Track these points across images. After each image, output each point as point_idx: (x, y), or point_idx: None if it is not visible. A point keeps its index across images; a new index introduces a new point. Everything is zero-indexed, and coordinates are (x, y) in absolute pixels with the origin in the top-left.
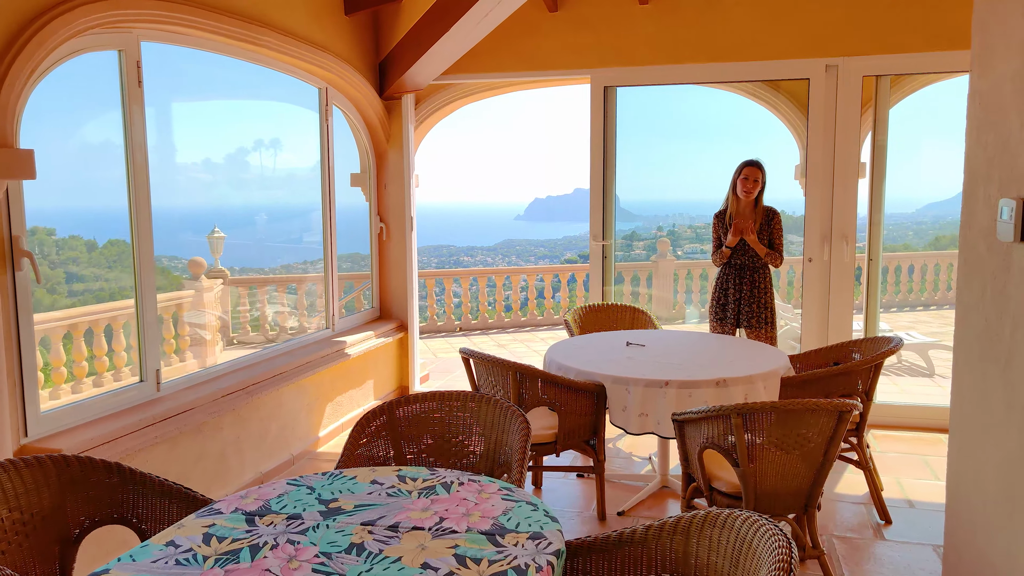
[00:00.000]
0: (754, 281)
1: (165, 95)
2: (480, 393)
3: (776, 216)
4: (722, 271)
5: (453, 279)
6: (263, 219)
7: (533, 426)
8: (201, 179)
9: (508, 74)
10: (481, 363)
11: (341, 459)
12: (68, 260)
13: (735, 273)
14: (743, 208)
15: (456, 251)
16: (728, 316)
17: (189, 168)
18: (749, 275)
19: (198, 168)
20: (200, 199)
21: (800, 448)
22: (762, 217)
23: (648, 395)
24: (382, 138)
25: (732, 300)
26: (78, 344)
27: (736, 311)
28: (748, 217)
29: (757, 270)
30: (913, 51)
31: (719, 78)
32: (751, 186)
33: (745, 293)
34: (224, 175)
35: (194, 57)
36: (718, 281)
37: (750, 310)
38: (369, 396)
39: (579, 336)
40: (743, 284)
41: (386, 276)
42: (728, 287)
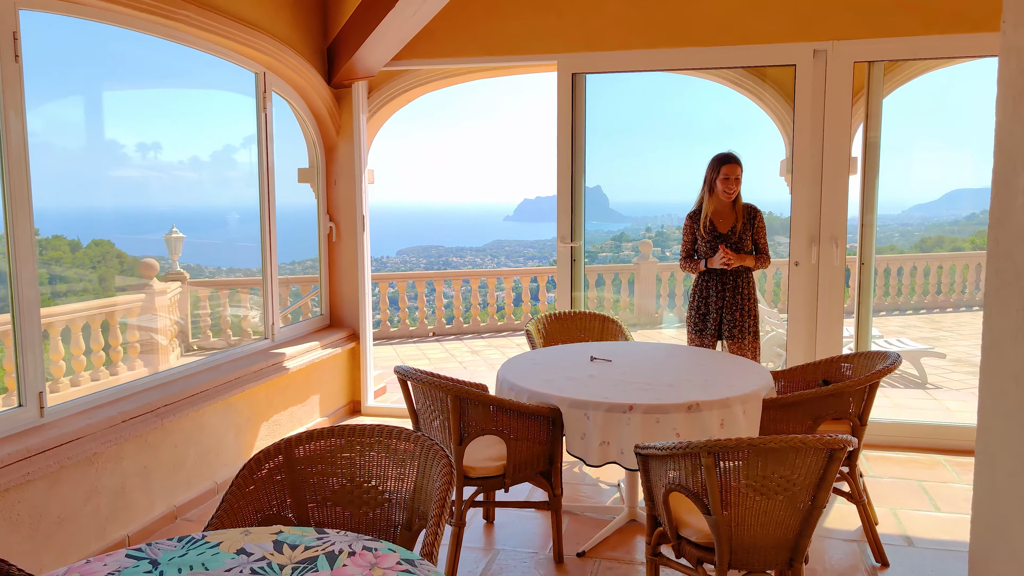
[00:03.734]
0: (737, 287)
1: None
2: (396, 427)
3: (759, 214)
4: (701, 277)
5: (426, 282)
6: (235, 218)
7: (478, 457)
8: (158, 177)
9: (467, 59)
10: (418, 385)
11: (216, 514)
12: None
13: (716, 279)
14: (721, 208)
15: (445, 252)
16: (709, 327)
17: (151, 165)
18: (732, 281)
19: (158, 165)
20: (157, 198)
21: (784, 492)
22: (743, 216)
23: (610, 421)
24: (331, 130)
25: (714, 309)
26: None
27: (718, 321)
28: (728, 216)
29: (741, 275)
30: (909, 35)
31: (698, 64)
32: (733, 186)
33: (728, 301)
34: (183, 172)
35: (141, 41)
36: (697, 288)
37: (733, 320)
38: (314, 413)
39: (540, 349)
40: (725, 291)
41: (336, 280)
42: (709, 295)
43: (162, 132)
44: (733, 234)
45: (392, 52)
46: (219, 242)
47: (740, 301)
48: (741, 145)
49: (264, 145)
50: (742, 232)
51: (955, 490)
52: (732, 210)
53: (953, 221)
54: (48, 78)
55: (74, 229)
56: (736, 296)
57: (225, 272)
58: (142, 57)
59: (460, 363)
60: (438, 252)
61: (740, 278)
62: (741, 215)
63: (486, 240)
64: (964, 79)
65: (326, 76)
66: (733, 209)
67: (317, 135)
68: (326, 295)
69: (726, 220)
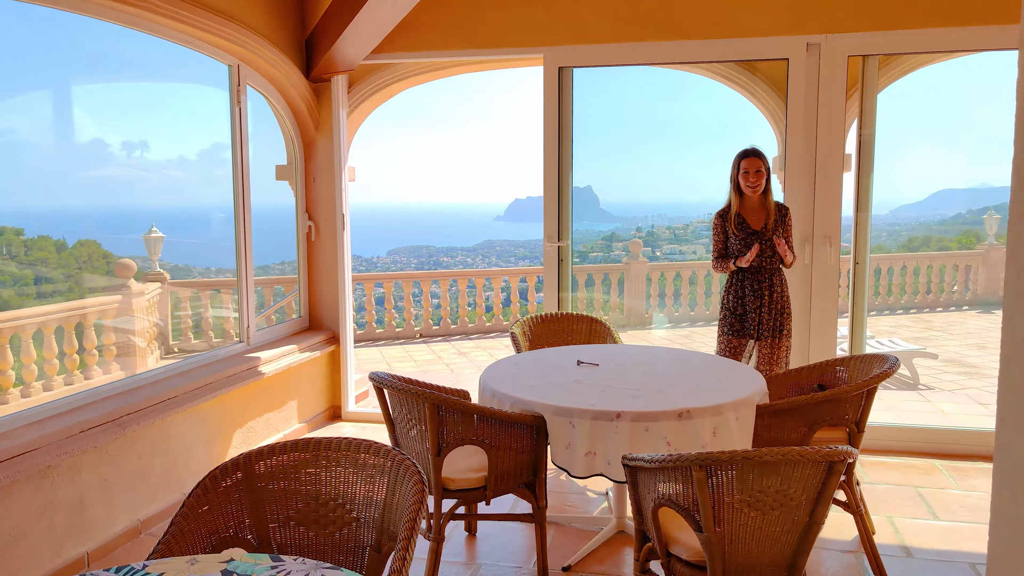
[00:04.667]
0: (773, 285)
1: (68, 76)
2: (365, 440)
3: (788, 212)
4: (735, 277)
5: (413, 282)
6: (220, 217)
7: (458, 468)
8: (142, 176)
9: (450, 53)
10: (393, 393)
11: (163, 539)
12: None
13: (751, 278)
14: (751, 205)
15: (436, 252)
16: (748, 328)
17: (136, 163)
18: (768, 279)
19: (142, 164)
20: (142, 197)
21: (780, 507)
22: (775, 213)
23: (596, 430)
24: (310, 125)
25: (752, 309)
26: None
27: (756, 322)
28: (759, 213)
29: (775, 272)
30: (906, 27)
31: (687, 58)
32: (755, 179)
33: (765, 300)
34: (168, 171)
35: (113, 34)
36: (731, 288)
37: (771, 319)
38: (292, 419)
39: (526, 353)
40: (762, 290)
41: (315, 281)
42: (744, 295)
43: (143, 129)
44: (767, 230)
45: (372, 45)
46: (205, 242)
47: (776, 299)
48: (733, 143)
49: (238, 140)
50: (775, 229)
51: (952, 496)
52: (762, 207)
53: (940, 221)
54: (19, 73)
55: (59, 229)
56: (772, 294)
57: (215, 272)
58: (116, 51)
59: (447, 365)
60: (429, 252)
61: (775, 275)
62: (773, 212)
63: (477, 240)
64: (956, 76)
65: (304, 69)
66: (763, 206)
67: (295, 131)
68: (305, 296)
69: (758, 217)
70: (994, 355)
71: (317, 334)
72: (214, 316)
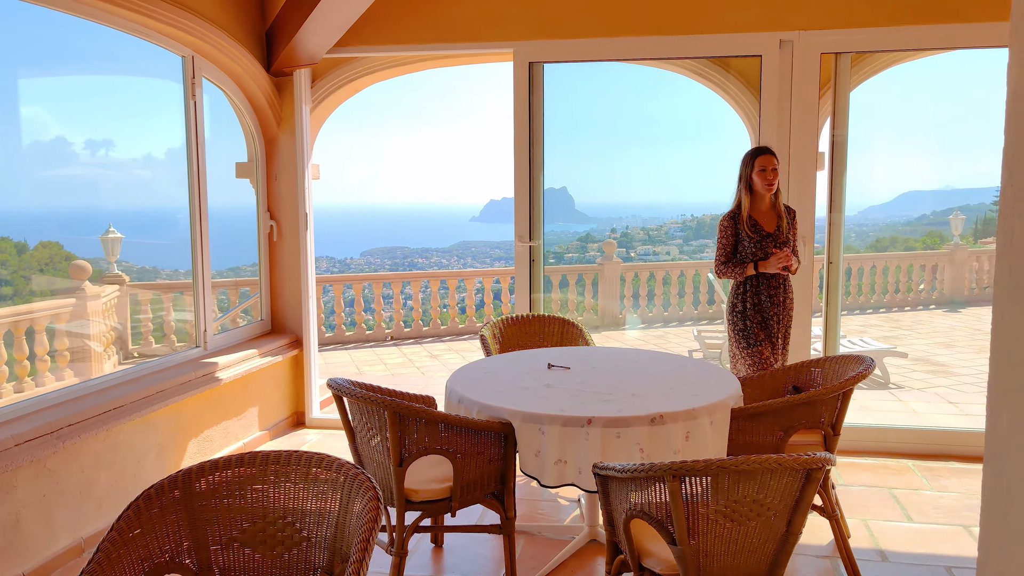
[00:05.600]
0: (787, 291)
1: (10, 67)
2: (316, 454)
3: (795, 214)
4: (750, 283)
5: (383, 284)
6: (187, 217)
7: (422, 478)
8: (106, 175)
9: (416, 46)
10: (353, 401)
11: (89, 566)
12: None
13: (767, 283)
14: (762, 206)
15: (410, 253)
16: (773, 335)
17: (99, 162)
18: (782, 283)
19: (107, 163)
20: (105, 197)
21: (757, 518)
22: (785, 217)
23: (566, 437)
24: (271, 121)
25: (771, 315)
26: None
27: (776, 328)
28: (769, 215)
29: (787, 277)
30: (878, 25)
31: (660, 54)
32: (772, 177)
33: (781, 306)
34: (135, 170)
35: (65, 25)
36: (747, 296)
37: (783, 325)
38: (252, 427)
39: (495, 356)
40: (779, 295)
41: (278, 283)
42: (762, 301)
43: (107, 127)
44: (780, 233)
45: (335, 37)
46: (172, 243)
47: (789, 305)
48: (707, 142)
49: (193, 136)
50: (787, 231)
51: (926, 498)
52: (772, 209)
53: (906, 222)
54: None
55: (20, 231)
56: (786, 300)
57: (183, 274)
58: (71, 44)
59: (418, 368)
60: (403, 253)
61: (787, 281)
62: (783, 214)
63: (452, 241)
64: (925, 76)
65: (264, 63)
66: (774, 207)
67: (256, 127)
68: (267, 299)
69: (769, 219)
70: (961, 353)
71: (279, 338)
72: (177, 319)
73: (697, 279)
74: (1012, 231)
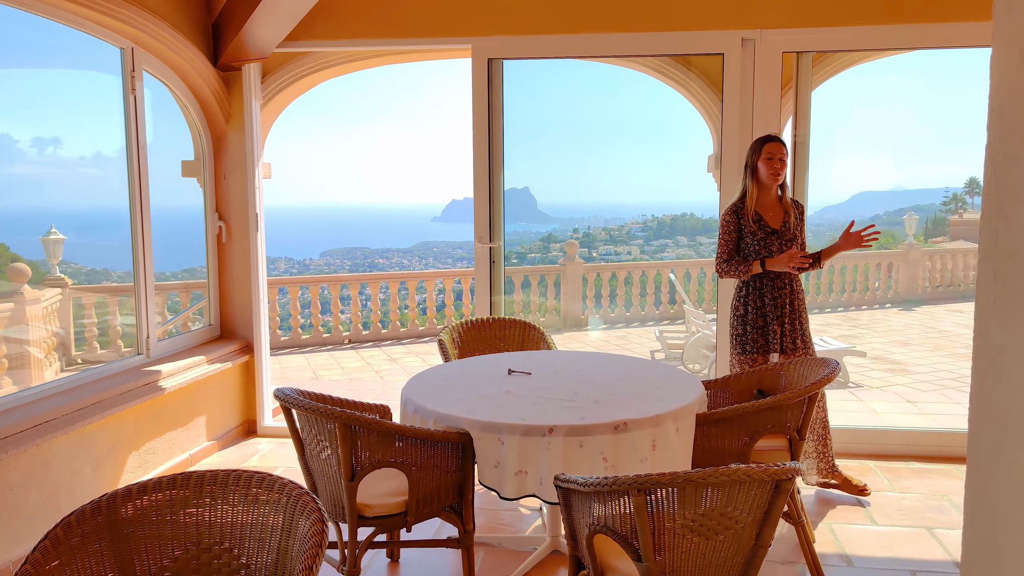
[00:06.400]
0: (794, 292)
1: None
2: (257, 473)
3: (803, 209)
4: (753, 283)
5: (341, 285)
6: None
7: (375, 492)
8: (54, 173)
9: (370, 42)
10: (301, 412)
11: None
12: None
13: (771, 284)
14: (768, 200)
15: (371, 253)
16: (772, 341)
17: (47, 160)
18: (789, 285)
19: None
20: (53, 197)
21: (725, 531)
22: (792, 212)
23: (527, 446)
24: (219, 117)
25: (773, 319)
26: None
27: (779, 334)
28: (776, 211)
29: (794, 278)
30: (840, 24)
31: (622, 51)
32: (779, 167)
33: (787, 308)
34: (84, 167)
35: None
36: (748, 297)
37: (793, 329)
38: (200, 437)
39: (454, 362)
40: (784, 298)
41: (227, 286)
42: (764, 304)
43: (54, 123)
44: (787, 229)
45: (285, 30)
46: (122, 243)
47: (798, 307)
48: (669, 141)
49: (133, 132)
50: (795, 228)
51: (889, 499)
52: (779, 204)
53: (860, 223)
54: None
55: None
56: (794, 302)
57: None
58: (14, 36)
59: (376, 372)
60: (364, 253)
61: (795, 281)
62: (791, 208)
63: (413, 241)
64: (883, 77)
65: (211, 56)
66: (780, 203)
67: (203, 123)
68: (216, 303)
69: (775, 214)
70: (916, 352)
71: (229, 343)
72: (124, 324)
73: (659, 279)
74: (996, 233)
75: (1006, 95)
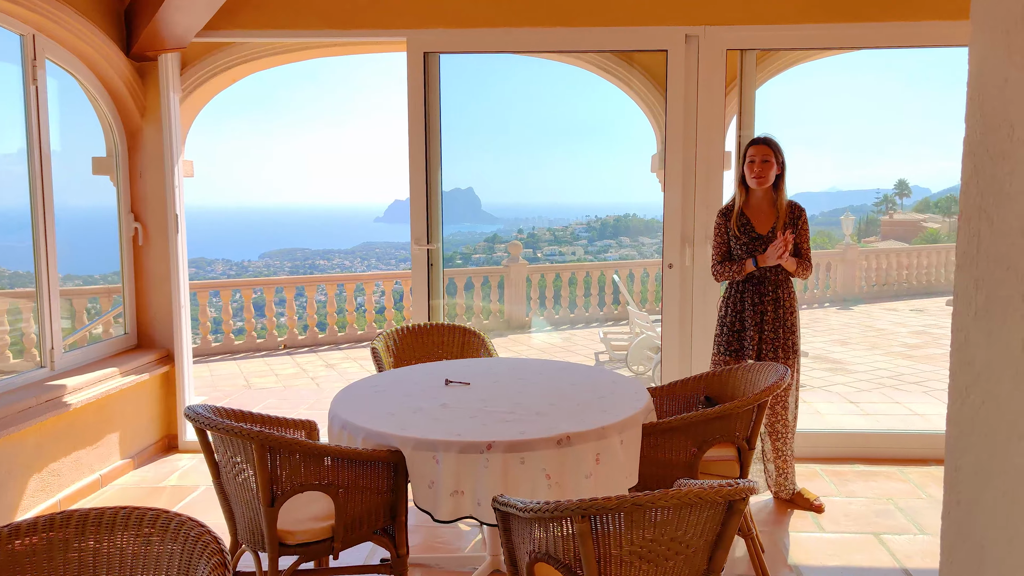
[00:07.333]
0: (779, 299)
1: None
2: (149, 510)
3: (803, 213)
4: (735, 286)
5: (275, 289)
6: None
7: (299, 517)
8: None
9: (299, 33)
10: (216, 434)
11: None
12: None
13: (752, 289)
14: (759, 203)
15: (312, 255)
16: (746, 348)
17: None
18: (772, 291)
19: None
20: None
21: (676, 556)
22: (786, 215)
23: (464, 464)
24: (133, 111)
25: (751, 325)
26: None
27: (757, 340)
28: (767, 214)
29: (781, 284)
30: (784, 23)
31: (563, 46)
32: (760, 170)
33: (768, 316)
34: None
35: None
36: (729, 299)
37: (775, 337)
38: (112, 456)
39: (388, 372)
40: (765, 304)
41: (144, 292)
42: (744, 309)
43: None
44: (773, 235)
45: (204, 18)
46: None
47: (782, 315)
48: (614, 141)
49: (35, 126)
50: (787, 231)
51: (836, 504)
52: (772, 207)
53: None
54: None
55: None
56: (778, 310)
57: (64, 279)
58: None
59: (312, 379)
60: (304, 255)
61: (781, 288)
62: (784, 213)
63: (355, 242)
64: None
65: (123, 45)
66: (773, 206)
67: (115, 117)
68: (132, 310)
69: (765, 218)
70: (855, 350)
71: (147, 353)
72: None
73: (602, 280)
74: (978, 236)
75: (987, 83)
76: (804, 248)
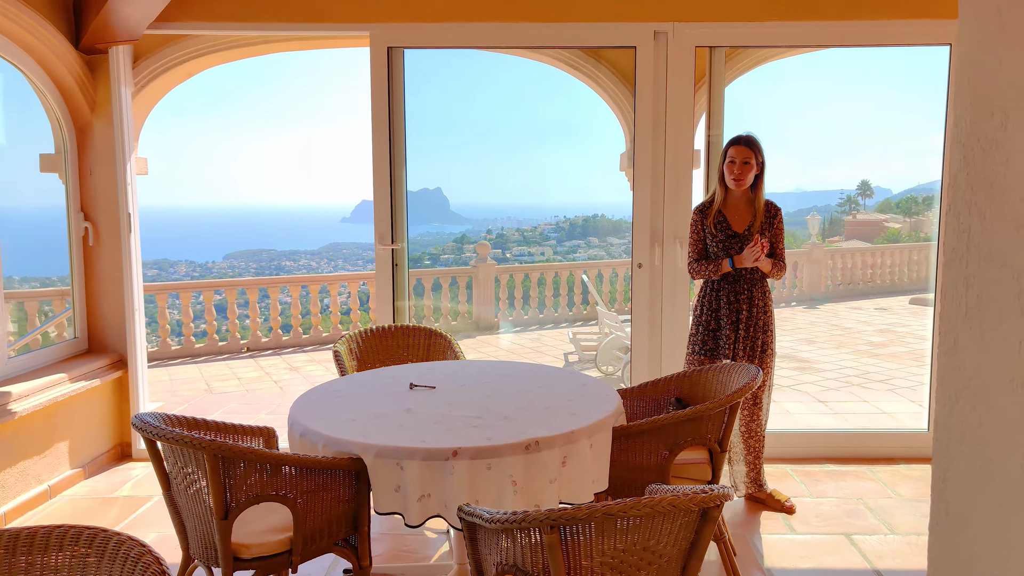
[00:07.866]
0: (753, 299)
1: None
2: (87, 529)
3: (779, 213)
4: (710, 286)
5: (238, 290)
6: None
7: (255, 529)
8: None
9: (257, 26)
10: (167, 444)
11: None
12: None
13: (728, 288)
14: (736, 202)
15: (277, 255)
16: (722, 347)
17: None
18: (747, 291)
19: None
20: None
21: (648, 567)
22: (763, 215)
23: (429, 472)
24: (83, 106)
25: (727, 325)
26: None
27: (732, 340)
28: (744, 213)
29: (757, 283)
30: (753, 20)
31: (531, 42)
32: (740, 171)
33: (744, 315)
34: None
35: None
36: (703, 300)
37: (750, 336)
38: (61, 465)
39: (351, 376)
40: (740, 303)
41: (96, 294)
42: (720, 308)
43: None
44: (750, 234)
45: (156, 9)
46: None
47: (756, 315)
48: (582, 139)
49: None
50: (761, 232)
51: (806, 505)
52: (750, 206)
53: None
54: None
55: None
56: (753, 309)
57: (17, 282)
58: None
59: (276, 382)
60: (270, 256)
61: (756, 287)
62: (761, 212)
63: (322, 243)
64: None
65: (72, 37)
66: (751, 205)
67: (63, 112)
68: (82, 313)
69: (742, 217)
70: (822, 349)
71: (98, 358)
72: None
73: (571, 280)
74: (968, 232)
75: (978, 68)
76: (779, 249)
